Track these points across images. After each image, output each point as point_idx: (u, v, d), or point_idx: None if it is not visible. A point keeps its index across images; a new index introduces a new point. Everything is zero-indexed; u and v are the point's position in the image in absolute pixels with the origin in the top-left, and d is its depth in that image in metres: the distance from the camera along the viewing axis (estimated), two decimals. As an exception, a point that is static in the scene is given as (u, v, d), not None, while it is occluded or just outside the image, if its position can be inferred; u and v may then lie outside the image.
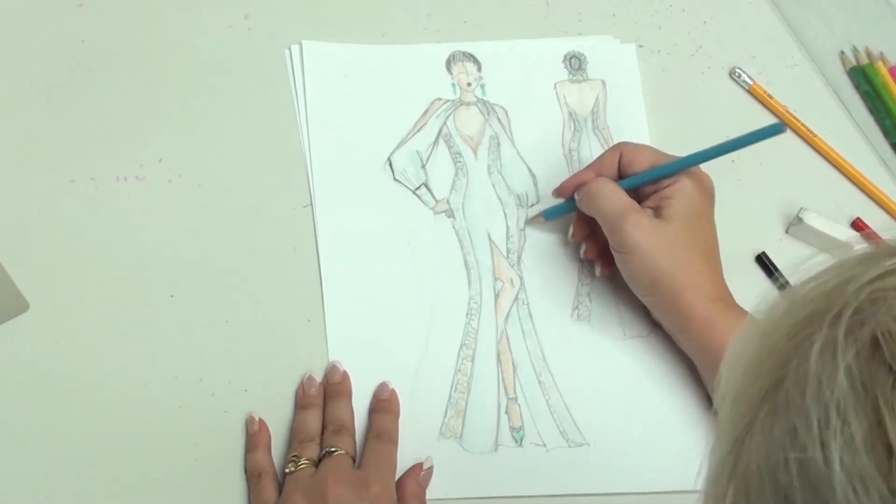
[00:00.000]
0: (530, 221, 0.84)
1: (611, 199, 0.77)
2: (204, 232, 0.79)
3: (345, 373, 0.77)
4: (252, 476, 0.73)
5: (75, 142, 0.81)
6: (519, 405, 0.77)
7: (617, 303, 0.81)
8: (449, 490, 0.74)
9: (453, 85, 0.88)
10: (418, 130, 0.86)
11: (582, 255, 0.82)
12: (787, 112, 0.92)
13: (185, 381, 0.74)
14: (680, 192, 0.77)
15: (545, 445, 0.76)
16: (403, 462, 0.74)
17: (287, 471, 0.72)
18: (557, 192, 0.82)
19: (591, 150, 0.87)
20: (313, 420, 0.75)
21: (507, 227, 0.83)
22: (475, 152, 0.86)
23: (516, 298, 0.81)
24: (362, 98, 0.85)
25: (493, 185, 0.85)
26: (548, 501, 0.75)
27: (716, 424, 0.44)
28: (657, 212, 0.77)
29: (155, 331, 0.76)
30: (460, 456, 0.75)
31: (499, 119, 0.87)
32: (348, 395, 0.77)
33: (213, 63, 0.86)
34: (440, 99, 0.87)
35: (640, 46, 0.93)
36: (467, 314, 0.80)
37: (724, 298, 0.75)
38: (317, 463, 0.73)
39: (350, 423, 0.75)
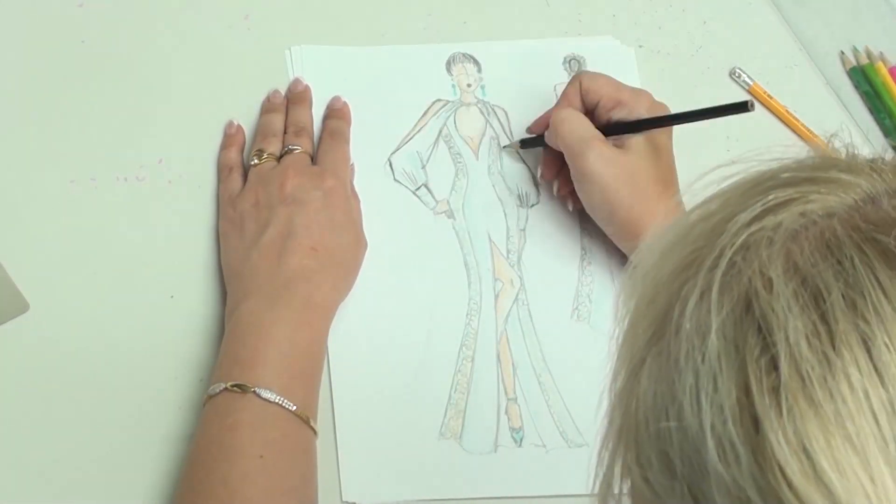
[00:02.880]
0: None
1: (576, 128, 0.79)
2: (204, 232, 0.79)
3: (307, 85, 0.84)
4: (223, 170, 0.80)
5: (75, 142, 0.81)
6: (519, 406, 0.77)
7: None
8: (449, 490, 0.74)
9: (453, 86, 0.88)
10: (418, 131, 0.86)
11: (555, 192, 0.83)
12: (787, 112, 0.91)
13: (185, 381, 0.74)
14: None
15: (545, 446, 0.76)
16: (400, 463, 0.74)
17: (252, 163, 0.80)
18: (530, 128, 0.84)
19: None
20: (277, 121, 0.82)
21: (507, 228, 0.83)
22: (475, 153, 0.86)
23: (516, 299, 0.81)
24: (362, 99, 0.85)
25: (494, 186, 0.85)
26: (548, 502, 0.75)
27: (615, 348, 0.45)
28: (617, 143, 0.79)
29: (155, 331, 0.76)
30: (460, 456, 0.75)
31: (499, 120, 0.87)
32: (309, 102, 0.83)
33: (212, 63, 0.86)
34: (440, 100, 0.87)
35: (641, 47, 0.92)
36: (467, 314, 0.80)
37: None
38: (278, 159, 0.79)
39: (310, 127, 0.82)
